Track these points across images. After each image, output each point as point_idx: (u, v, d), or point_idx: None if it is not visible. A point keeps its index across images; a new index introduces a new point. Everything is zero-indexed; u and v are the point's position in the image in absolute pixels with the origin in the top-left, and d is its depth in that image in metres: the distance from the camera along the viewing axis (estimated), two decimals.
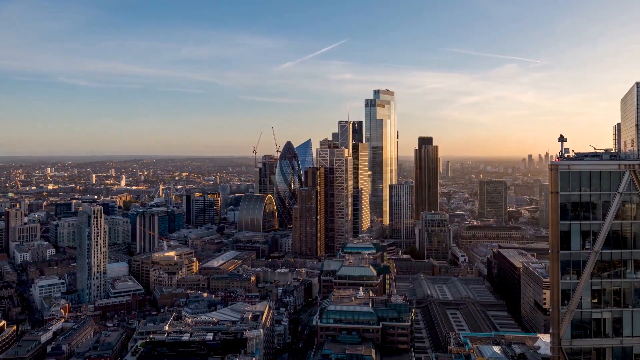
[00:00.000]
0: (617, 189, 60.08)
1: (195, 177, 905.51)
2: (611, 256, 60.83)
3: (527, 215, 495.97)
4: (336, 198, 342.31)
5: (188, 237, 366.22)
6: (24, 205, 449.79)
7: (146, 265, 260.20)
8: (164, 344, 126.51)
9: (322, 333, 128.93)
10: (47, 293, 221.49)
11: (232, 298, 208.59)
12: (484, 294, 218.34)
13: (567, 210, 60.71)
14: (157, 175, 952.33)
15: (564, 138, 63.63)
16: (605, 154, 64.04)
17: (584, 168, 60.63)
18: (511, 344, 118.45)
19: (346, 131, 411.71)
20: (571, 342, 60.62)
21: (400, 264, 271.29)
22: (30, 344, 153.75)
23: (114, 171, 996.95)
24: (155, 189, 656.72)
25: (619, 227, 60.65)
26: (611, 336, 60.89)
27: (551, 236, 62.26)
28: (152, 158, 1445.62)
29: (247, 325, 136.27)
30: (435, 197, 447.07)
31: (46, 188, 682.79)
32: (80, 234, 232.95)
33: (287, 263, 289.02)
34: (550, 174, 61.41)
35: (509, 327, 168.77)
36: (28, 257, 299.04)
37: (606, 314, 60.89)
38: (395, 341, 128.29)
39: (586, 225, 60.75)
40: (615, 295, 61.29)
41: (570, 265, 60.81)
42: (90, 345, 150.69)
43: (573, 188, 60.39)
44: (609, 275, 61.05)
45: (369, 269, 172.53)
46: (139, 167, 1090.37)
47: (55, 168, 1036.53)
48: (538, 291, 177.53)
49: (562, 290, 60.77)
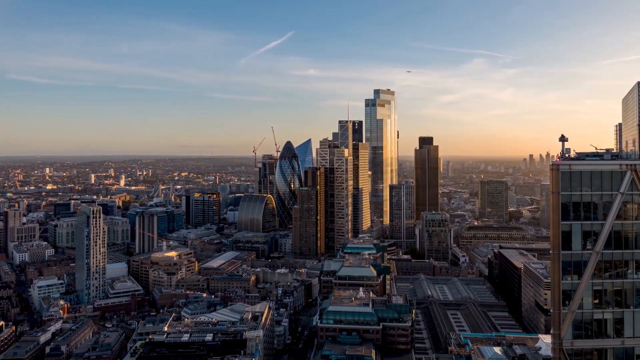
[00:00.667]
0: (619, 189, 60.08)
1: (194, 177, 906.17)
2: (612, 256, 60.84)
3: (528, 215, 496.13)
4: (336, 198, 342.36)
5: (187, 237, 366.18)
6: (22, 205, 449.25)
7: (145, 265, 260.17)
8: (163, 345, 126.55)
9: (322, 334, 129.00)
10: (46, 293, 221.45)
11: (232, 298, 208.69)
12: (485, 295, 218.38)
13: (568, 210, 60.72)
14: (156, 175, 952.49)
15: (565, 138, 63.60)
16: (607, 154, 64.03)
17: (585, 168, 60.63)
18: (512, 345, 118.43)
19: (346, 131, 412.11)
20: (572, 343, 60.64)
21: (400, 265, 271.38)
22: (29, 345, 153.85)
23: (113, 171, 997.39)
24: (154, 189, 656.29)
25: (620, 227, 60.66)
26: (612, 337, 60.92)
27: (552, 236, 62.29)
28: (151, 158, 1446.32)
29: (246, 326, 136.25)
30: (435, 197, 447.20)
31: (45, 188, 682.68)
32: (79, 234, 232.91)
33: (287, 263, 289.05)
34: (551, 174, 61.42)
35: (509, 327, 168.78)
36: (27, 257, 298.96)
37: (607, 314, 60.91)
38: (396, 342, 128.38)
39: (587, 226, 60.75)
40: (617, 296, 61.31)
41: (571, 265, 60.82)
42: (89, 346, 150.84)
43: (574, 188, 60.38)
44: (610, 276, 61.07)
45: (369, 270, 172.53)
46: (138, 167, 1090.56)
47: (54, 168, 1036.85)
48: (539, 292, 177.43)
49: (563, 290, 60.77)
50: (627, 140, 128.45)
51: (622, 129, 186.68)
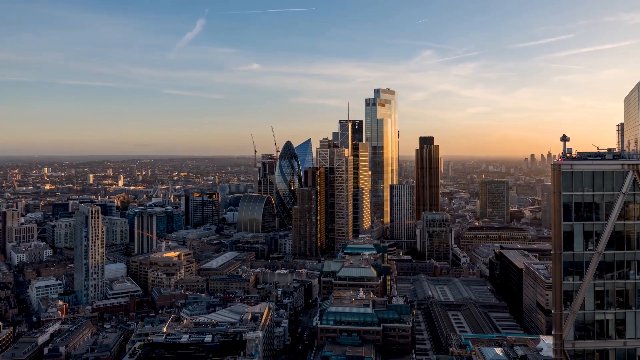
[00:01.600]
0: (621, 189, 60.03)
1: (193, 177, 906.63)
2: (614, 257, 60.78)
3: (530, 215, 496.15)
4: (336, 198, 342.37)
5: (187, 237, 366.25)
6: (20, 205, 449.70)
7: (144, 266, 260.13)
8: (162, 346, 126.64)
9: (322, 335, 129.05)
10: (44, 294, 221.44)
11: (231, 299, 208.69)
12: (486, 295, 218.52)
13: (569, 210, 60.65)
14: (155, 175, 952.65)
15: (567, 138, 63.53)
16: (609, 154, 63.99)
17: (587, 168, 60.53)
18: (513, 346, 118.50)
19: (346, 130, 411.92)
20: (574, 344, 60.58)
21: (401, 265, 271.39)
22: (27, 346, 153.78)
23: (111, 171, 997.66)
24: (153, 189, 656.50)
25: (622, 227, 60.60)
26: (614, 338, 60.86)
27: (554, 237, 62.23)
28: (150, 158, 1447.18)
29: (246, 327, 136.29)
30: (436, 197, 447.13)
31: (43, 188, 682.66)
32: (78, 235, 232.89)
33: (287, 264, 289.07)
34: (553, 174, 61.30)
35: (510, 328, 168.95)
36: (25, 257, 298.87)
37: (609, 315, 60.84)
38: (396, 343, 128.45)
39: (589, 226, 60.67)
40: (619, 297, 61.26)
41: (573, 266, 60.75)
42: (88, 347, 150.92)
43: (576, 188, 60.29)
44: (612, 277, 61.02)
45: (369, 270, 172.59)
46: (136, 167, 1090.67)
47: (52, 168, 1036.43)
48: (540, 292, 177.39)
49: (564, 291, 60.71)
50: (629, 140, 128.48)
51: (624, 128, 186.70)
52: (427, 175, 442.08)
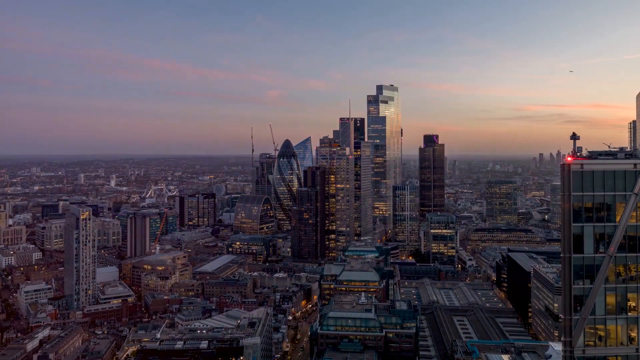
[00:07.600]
0: (633, 189, 60.05)
1: (189, 177, 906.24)
2: (626, 260, 60.81)
3: (538, 217, 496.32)
4: (337, 199, 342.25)
5: (181, 240, 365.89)
6: (8, 206, 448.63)
7: (137, 269, 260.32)
8: (155, 353, 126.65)
9: (322, 341, 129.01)
10: (33, 299, 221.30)
11: (228, 304, 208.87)
12: (493, 300, 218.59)
13: (580, 212, 60.66)
14: (148, 175, 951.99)
15: (577, 136, 63.51)
16: (620, 153, 63.88)
17: (598, 167, 60.49)
18: (521, 353, 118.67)
19: (347, 129, 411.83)
20: (584, 351, 60.58)
21: (404, 269, 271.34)
22: (15, 353, 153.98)
23: (103, 171, 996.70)
24: (146, 189, 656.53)
25: (634, 229, 60.59)
26: (626, 344, 60.88)
27: (563, 239, 62.19)
28: (144, 157, 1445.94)
29: (243, 333, 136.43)
30: (441, 198, 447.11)
31: (32, 189, 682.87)
32: (68, 237, 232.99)
33: (286, 267, 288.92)
34: (562, 173, 61.31)
35: (518, 334, 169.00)
36: (13, 261, 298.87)
37: (621, 320, 60.87)
38: (400, 349, 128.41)
39: (600, 228, 60.64)
40: (631, 301, 61.31)
41: (583, 269, 60.73)
42: (79, 353, 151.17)
43: (586, 189, 60.27)
44: (624, 280, 61.06)
45: (371, 274, 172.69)
46: (129, 167, 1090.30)
47: (41, 168, 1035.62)
48: (549, 297, 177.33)
49: (574, 296, 60.71)
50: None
51: (636, 126, 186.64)
52: (431, 175, 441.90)
